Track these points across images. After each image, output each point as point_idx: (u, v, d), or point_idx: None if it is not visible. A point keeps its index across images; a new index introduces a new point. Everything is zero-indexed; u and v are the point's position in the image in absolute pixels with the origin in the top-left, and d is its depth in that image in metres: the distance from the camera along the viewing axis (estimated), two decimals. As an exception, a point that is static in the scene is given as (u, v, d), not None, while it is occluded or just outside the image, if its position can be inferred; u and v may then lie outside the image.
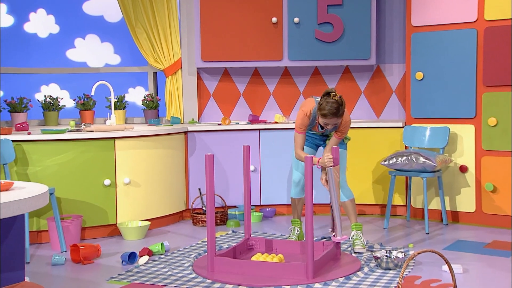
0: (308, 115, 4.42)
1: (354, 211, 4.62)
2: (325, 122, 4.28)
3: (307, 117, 4.42)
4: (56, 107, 6.10)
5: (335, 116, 4.22)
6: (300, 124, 4.44)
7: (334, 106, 4.18)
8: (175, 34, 6.16)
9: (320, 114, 4.25)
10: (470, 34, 5.26)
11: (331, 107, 4.18)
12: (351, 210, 4.62)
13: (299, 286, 3.68)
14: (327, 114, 4.20)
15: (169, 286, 3.77)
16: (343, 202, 4.60)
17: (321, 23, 5.89)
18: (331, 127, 4.32)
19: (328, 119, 4.23)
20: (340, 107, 4.20)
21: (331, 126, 4.32)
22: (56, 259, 4.30)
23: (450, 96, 5.39)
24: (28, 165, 4.81)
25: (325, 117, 4.23)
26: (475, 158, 5.32)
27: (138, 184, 5.21)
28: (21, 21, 6.27)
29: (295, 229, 4.75)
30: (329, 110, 4.19)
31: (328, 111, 4.19)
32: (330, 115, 4.20)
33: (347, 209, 4.62)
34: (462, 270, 3.96)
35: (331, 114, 4.20)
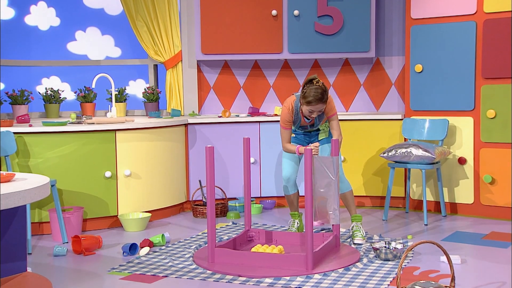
0: (290, 109, 4.45)
1: (353, 203, 4.65)
2: (310, 110, 4.29)
3: (290, 111, 4.45)
4: (57, 99, 6.12)
5: (320, 102, 4.25)
6: (284, 120, 4.47)
7: (318, 91, 4.22)
8: (176, 26, 6.17)
9: (305, 102, 4.26)
10: (469, 26, 5.28)
11: (316, 93, 4.22)
12: (351, 201, 4.64)
13: (298, 277, 3.71)
14: (312, 101, 4.23)
15: (169, 277, 3.80)
16: (343, 193, 4.61)
17: (320, 16, 5.90)
18: (316, 114, 4.33)
19: (313, 105, 4.25)
20: (324, 92, 4.24)
21: (316, 114, 4.33)
22: (58, 250, 4.33)
23: (449, 89, 5.41)
24: (30, 157, 4.84)
25: (310, 104, 4.25)
26: (474, 150, 5.35)
27: (139, 176, 5.24)
28: (21, 14, 6.28)
29: (295, 222, 4.77)
30: (314, 96, 4.22)
31: (313, 97, 4.22)
32: (315, 101, 4.23)
33: (347, 200, 4.64)
34: (460, 261, 3.99)
35: (316, 100, 4.23)
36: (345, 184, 4.63)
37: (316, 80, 4.27)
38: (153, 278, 3.78)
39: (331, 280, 3.65)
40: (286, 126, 4.49)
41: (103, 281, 3.75)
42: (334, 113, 4.49)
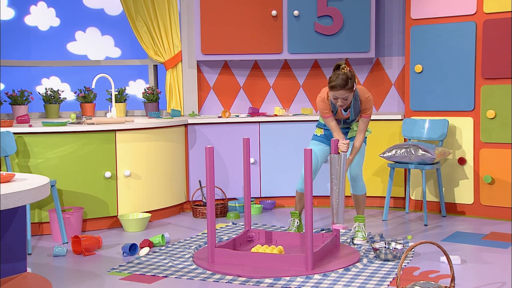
0: (326, 98, 4.39)
1: (363, 206, 4.69)
2: (334, 96, 4.24)
3: (326, 99, 4.39)
4: (57, 99, 6.12)
5: (343, 89, 4.20)
6: (321, 108, 4.42)
7: (342, 77, 4.18)
8: (175, 27, 6.17)
9: (329, 87, 4.23)
10: (469, 27, 5.28)
11: (339, 79, 4.18)
12: (362, 204, 4.67)
13: (298, 277, 3.71)
14: (335, 86, 4.19)
15: (169, 277, 3.80)
16: (357, 195, 4.63)
17: (320, 16, 5.90)
18: (341, 102, 4.27)
19: (336, 91, 4.21)
20: (348, 80, 4.20)
21: (341, 102, 4.26)
22: (58, 250, 4.33)
23: (449, 89, 5.41)
24: (29, 157, 4.84)
25: (334, 90, 4.21)
26: (474, 151, 5.35)
27: (139, 176, 5.24)
28: (21, 14, 6.28)
29: (295, 221, 4.77)
30: (337, 82, 4.19)
31: (336, 82, 4.19)
32: (338, 87, 4.19)
33: (359, 202, 4.66)
34: (460, 261, 3.99)
35: (339, 86, 4.19)
36: (363, 185, 4.65)
37: (343, 66, 4.24)
38: (153, 279, 3.78)
39: (331, 281, 3.65)
40: (326, 115, 4.42)
41: (103, 282, 3.75)
42: (368, 115, 4.45)
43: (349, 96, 4.26)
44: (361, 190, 4.63)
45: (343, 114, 4.49)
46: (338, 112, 4.48)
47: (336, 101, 4.28)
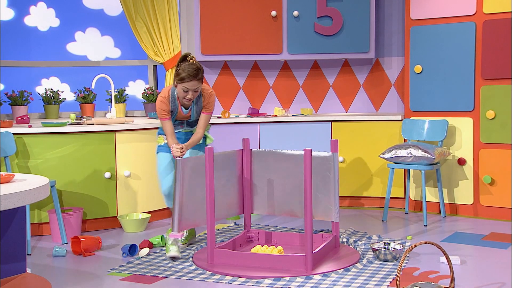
0: (166, 97, 4.24)
1: None
2: (185, 88, 4.11)
3: (166, 99, 4.23)
4: (56, 100, 6.12)
5: (195, 79, 4.10)
6: (160, 110, 4.23)
7: (193, 67, 4.09)
8: (175, 27, 6.17)
9: (178, 79, 4.11)
10: (469, 27, 5.28)
11: (190, 69, 4.08)
12: None
13: (298, 277, 3.71)
14: (185, 77, 4.08)
15: (169, 278, 3.80)
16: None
17: (320, 17, 5.90)
18: (191, 95, 4.15)
19: (187, 82, 4.09)
20: (199, 70, 4.11)
21: (192, 94, 4.15)
22: (57, 251, 4.33)
23: (448, 89, 5.41)
24: (29, 158, 4.84)
25: (184, 81, 4.09)
26: (473, 151, 5.35)
27: (138, 177, 5.24)
28: (21, 15, 6.28)
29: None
30: (188, 71, 4.07)
31: (187, 73, 4.07)
32: (189, 78, 4.08)
33: None
34: (460, 262, 3.99)
35: (190, 76, 4.08)
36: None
37: (190, 57, 4.14)
38: (153, 279, 3.78)
39: (330, 281, 3.66)
40: (164, 116, 4.24)
41: (103, 282, 3.75)
42: (210, 112, 4.36)
43: (199, 87, 4.17)
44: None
45: (183, 113, 4.33)
46: (179, 111, 4.33)
47: (186, 94, 4.14)
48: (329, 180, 4.14)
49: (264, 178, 4.32)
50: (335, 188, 4.16)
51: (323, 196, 4.14)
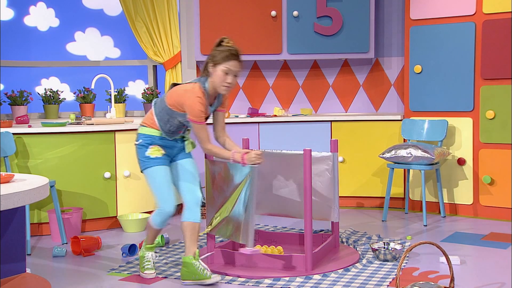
0: (203, 96, 3.64)
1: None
2: (226, 70, 3.60)
3: (203, 98, 3.64)
4: (56, 100, 6.12)
5: (237, 59, 3.66)
6: (200, 112, 3.60)
7: (234, 47, 3.68)
8: (175, 27, 6.17)
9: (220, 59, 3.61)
10: (469, 27, 5.28)
11: (232, 48, 3.66)
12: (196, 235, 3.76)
13: (298, 277, 3.71)
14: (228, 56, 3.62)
15: (169, 278, 3.80)
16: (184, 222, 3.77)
17: (320, 17, 5.90)
18: (231, 79, 3.63)
19: (228, 62, 3.60)
20: (240, 51, 3.70)
21: (232, 79, 3.63)
22: (57, 251, 4.33)
23: (448, 89, 5.41)
24: (29, 158, 4.84)
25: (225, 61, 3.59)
26: (473, 151, 5.35)
27: (138, 177, 5.24)
28: (21, 15, 6.28)
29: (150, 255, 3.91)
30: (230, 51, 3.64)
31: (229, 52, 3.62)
32: (232, 57, 3.62)
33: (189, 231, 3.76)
34: (460, 261, 3.99)
35: (233, 55, 3.63)
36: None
37: (227, 40, 3.73)
38: (153, 279, 3.78)
39: (330, 281, 3.65)
40: (202, 120, 3.64)
41: (103, 282, 3.75)
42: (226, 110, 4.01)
43: (240, 72, 3.71)
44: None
45: (208, 112, 3.78)
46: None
47: (226, 77, 3.61)
48: (329, 180, 4.14)
49: (263, 179, 4.32)
50: (334, 188, 4.16)
51: (323, 196, 4.14)
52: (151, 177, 3.75)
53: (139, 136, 3.80)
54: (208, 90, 3.69)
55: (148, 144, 3.76)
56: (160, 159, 3.75)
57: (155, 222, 3.78)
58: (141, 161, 3.79)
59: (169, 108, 3.69)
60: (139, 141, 3.78)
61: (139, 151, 3.79)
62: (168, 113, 3.71)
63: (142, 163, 3.78)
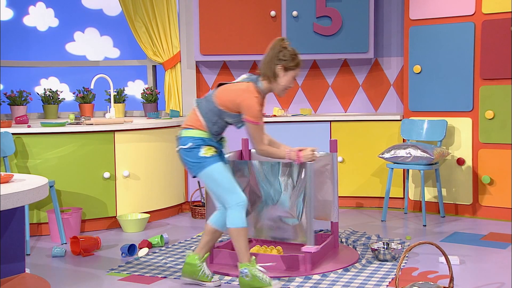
0: (260, 96, 3.60)
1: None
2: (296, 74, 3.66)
3: (260, 98, 3.60)
4: (55, 100, 6.12)
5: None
6: (259, 112, 3.54)
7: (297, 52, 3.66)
8: (174, 27, 6.17)
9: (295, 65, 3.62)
10: (468, 27, 5.28)
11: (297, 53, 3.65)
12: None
13: (297, 277, 3.71)
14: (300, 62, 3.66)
15: (168, 278, 3.80)
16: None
17: (319, 17, 5.90)
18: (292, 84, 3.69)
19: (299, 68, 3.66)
20: None
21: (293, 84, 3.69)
22: (56, 251, 4.33)
23: (447, 89, 5.41)
24: (28, 158, 4.83)
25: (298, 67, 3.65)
26: (472, 151, 5.35)
27: (138, 177, 5.24)
28: (20, 15, 6.28)
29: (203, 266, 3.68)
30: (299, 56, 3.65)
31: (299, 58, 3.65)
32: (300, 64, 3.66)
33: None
34: (459, 261, 3.99)
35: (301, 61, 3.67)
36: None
37: (288, 42, 3.70)
38: (152, 279, 3.78)
39: (330, 281, 3.65)
40: (260, 120, 3.57)
41: (102, 282, 3.75)
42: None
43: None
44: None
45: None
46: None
47: (292, 82, 3.67)
48: (328, 180, 4.14)
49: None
50: (334, 188, 4.16)
51: (322, 196, 4.14)
52: (212, 175, 3.54)
53: (186, 140, 3.57)
54: (262, 90, 3.62)
55: (199, 145, 3.57)
56: (216, 156, 3.59)
57: (241, 220, 3.50)
58: (195, 163, 3.55)
59: (219, 108, 3.57)
60: (188, 145, 3.56)
61: (190, 154, 3.55)
62: (216, 114, 3.59)
63: (198, 165, 3.54)
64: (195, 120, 3.62)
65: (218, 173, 3.54)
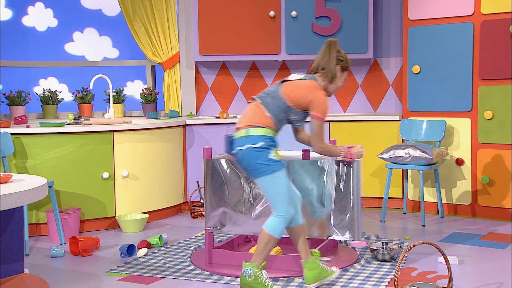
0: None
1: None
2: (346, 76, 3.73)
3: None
4: (54, 100, 6.12)
5: None
6: (328, 108, 3.55)
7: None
8: (173, 27, 6.17)
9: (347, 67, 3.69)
10: (467, 27, 5.28)
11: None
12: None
13: (296, 278, 3.71)
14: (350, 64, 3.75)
15: (167, 278, 3.80)
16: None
17: (318, 17, 5.90)
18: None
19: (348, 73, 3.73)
20: None
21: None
22: (55, 251, 4.32)
23: (446, 90, 5.42)
24: (27, 158, 4.83)
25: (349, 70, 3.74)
26: (471, 151, 5.35)
27: (137, 177, 5.24)
28: (19, 15, 6.28)
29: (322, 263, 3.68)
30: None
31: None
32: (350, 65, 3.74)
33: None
34: (458, 262, 3.99)
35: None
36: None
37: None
38: (151, 279, 3.78)
39: (329, 281, 3.65)
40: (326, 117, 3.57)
41: (101, 283, 3.75)
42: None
43: None
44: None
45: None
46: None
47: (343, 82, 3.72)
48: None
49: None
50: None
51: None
52: (275, 181, 3.42)
53: (257, 138, 3.41)
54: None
55: (269, 146, 3.43)
56: (283, 161, 3.49)
57: (279, 231, 3.47)
58: (263, 165, 3.39)
59: (288, 105, 3.49)
60: (259, 144, 3.40)
61: (259, 154, 3.40)
62: (284, 111, 3.50)
63: (265, 167, 3.39)
64: (263, 117, 3.47)
65: (283, 179, 3.44)
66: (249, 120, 3.49)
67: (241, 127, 3.50)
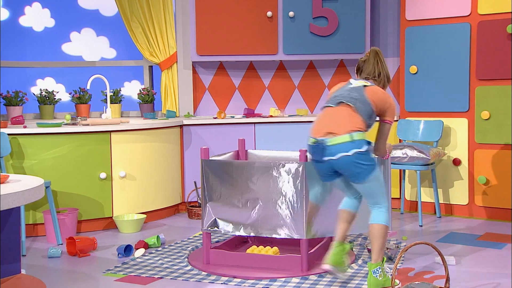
0: None
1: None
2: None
3: None
4: (51, 100, 6.11)
5: None
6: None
7: None
8: (171, 28, 6.16)
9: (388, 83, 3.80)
10: (464, 28, 5.29)
11: None
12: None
13: (294, 278, 3.71)
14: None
15: (165, 279, 3.80)
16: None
17: (316, 17, 5.90)
18: None
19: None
20: None
21: None
22: (52, 252, 4.32)
23: (443, 90, 5.42)
24: (24, 158, 4.83)
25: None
26: (468, 151, 5.36)
27: (134, 177, 5.23)
28: (16, 15, 6.27)
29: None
30: None
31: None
32: None
33: None
34: (455, 261, 4.00)
35: None
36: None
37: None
38: (148, 280, 3.77)
39: (326, 282, 3.66)
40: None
41: (98, 283, 3.75)
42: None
43: None
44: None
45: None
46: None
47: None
48: None
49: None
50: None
51: None
52: (378, 177, 3.57)
53: (362, 143, 3.49)
54: None
55: (369, 148, 3.56)
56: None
57: (389, 219, 3.61)
58: (370, 166, 3.50)
59: (373, 110, 3.60)
60: (365, 148, 3.50)
61: (366, 157, 3.49)
62: (370, 116, 3.61)
63: (371, 167, 3.51)
64: (360, 122, 3.55)
65: (380, 173, 3.63)
66: (349, 125, 3.52)
67: (338, 132, 3.50)
